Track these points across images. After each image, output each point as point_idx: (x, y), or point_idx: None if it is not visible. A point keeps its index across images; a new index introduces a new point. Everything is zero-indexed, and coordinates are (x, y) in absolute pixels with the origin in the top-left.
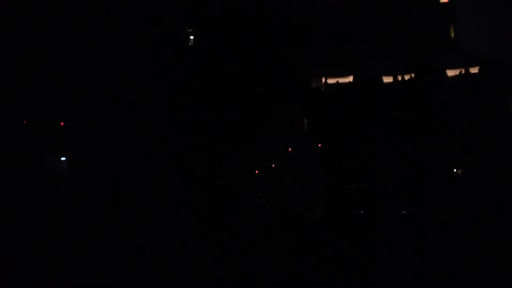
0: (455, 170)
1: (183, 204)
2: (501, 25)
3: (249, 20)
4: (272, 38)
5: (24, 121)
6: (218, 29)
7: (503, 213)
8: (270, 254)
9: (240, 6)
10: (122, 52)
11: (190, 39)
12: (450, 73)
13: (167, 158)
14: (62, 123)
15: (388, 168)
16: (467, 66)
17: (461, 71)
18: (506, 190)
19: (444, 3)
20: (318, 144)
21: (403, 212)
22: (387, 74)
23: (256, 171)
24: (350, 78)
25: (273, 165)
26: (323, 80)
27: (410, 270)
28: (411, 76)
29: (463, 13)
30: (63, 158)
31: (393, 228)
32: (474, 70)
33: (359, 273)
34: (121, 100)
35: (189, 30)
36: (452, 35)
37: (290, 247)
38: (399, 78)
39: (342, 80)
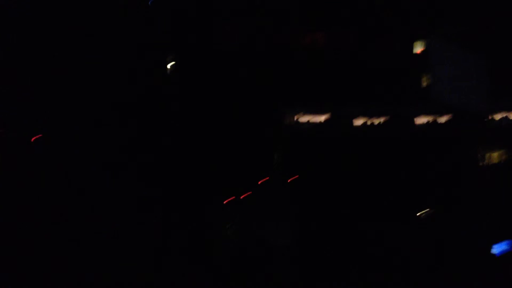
0: (418, 214)
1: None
2: (472, 77)
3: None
4: (251, 72)
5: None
6: (200, 59)
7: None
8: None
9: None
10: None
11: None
12: (419, 121)
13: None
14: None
15: (353, 207)
16: (436, 115)
17: (428, 120)
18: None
19: (418, 54)
20: (287, 179)
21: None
22: (358, 117)
23: (224, 202)
24: (322, 118)
25: (241, 197)
26: (296, 117)
27: None
28: (380, 121)
29: (436, 64)
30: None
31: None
32: (442, 119)
33: None
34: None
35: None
36: (424, 84)
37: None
38: (369, 122)
39: (313, 119)
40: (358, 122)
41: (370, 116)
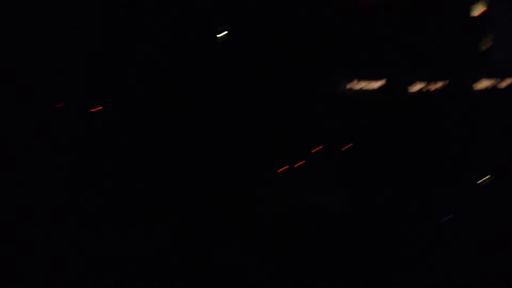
0: (478, 181)
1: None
2: None
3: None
4: (305, 39)
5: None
6: (248, 30)
7: None
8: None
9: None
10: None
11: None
12: (479, 86)
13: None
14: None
15: (411, 174)
16: (497, 80)
17: (490, 85)
18: None
19: (477, 16)
20: (341, 148)
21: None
22: (416, 82)
23: (278, 170)
24: (379, 83)
25: (296, 165)
26: (350, 84)
27: None
28: (439, 86)
29: (496, 27)
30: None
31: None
32: (503, 84)
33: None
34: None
35: (219, 28)
36: (484, 48)
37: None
38: (427, 87)
39: (370, 84)
40: (415, 88)
41: (428, 81)
